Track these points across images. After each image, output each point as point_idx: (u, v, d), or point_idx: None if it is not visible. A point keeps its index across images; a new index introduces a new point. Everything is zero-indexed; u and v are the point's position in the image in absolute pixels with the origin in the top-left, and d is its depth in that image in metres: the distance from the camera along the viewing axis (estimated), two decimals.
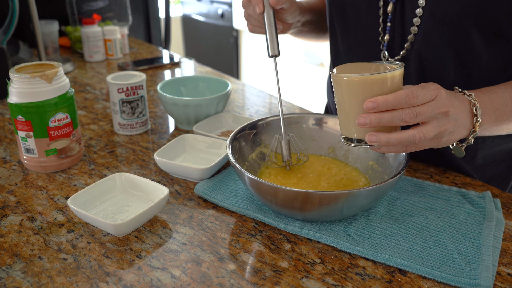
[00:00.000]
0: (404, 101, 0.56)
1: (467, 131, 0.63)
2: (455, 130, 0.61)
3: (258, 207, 0.68)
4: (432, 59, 0.73)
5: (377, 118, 0.57)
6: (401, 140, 0.57)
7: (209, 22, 3.44)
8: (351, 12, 0.81)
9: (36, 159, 0.78)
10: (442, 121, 0.59)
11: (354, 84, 0.58)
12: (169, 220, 0.67)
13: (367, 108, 0.57)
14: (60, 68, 0.77)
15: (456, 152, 0.67)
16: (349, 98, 0.59)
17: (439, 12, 0.69)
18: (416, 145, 0.59)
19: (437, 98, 0.58)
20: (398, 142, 0.57)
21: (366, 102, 0.57)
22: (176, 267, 0.57)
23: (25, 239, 0.63)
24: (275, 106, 1.13)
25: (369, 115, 0.57)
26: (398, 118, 0.56)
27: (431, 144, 0.60)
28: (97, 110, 1.08)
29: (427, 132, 0.58)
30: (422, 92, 0.57)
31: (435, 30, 0.71)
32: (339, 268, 0.57)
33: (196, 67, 1.47)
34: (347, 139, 0.62)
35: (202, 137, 0.85)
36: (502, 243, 0.62)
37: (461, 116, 0.61)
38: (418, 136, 0.57)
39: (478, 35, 0.68)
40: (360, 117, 0.57)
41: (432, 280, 0.55)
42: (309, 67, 2.68)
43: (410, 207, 0.68)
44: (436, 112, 0.58)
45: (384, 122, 0.57)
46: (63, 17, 1.64)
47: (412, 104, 0.57)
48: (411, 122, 0.57)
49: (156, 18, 2.19)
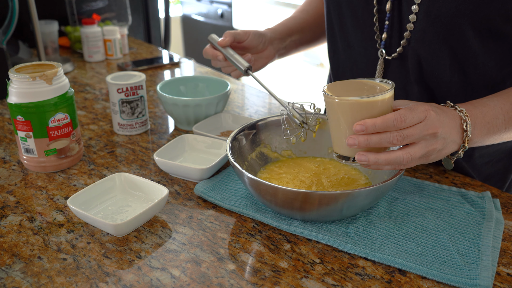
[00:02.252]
0: (392, 124, 0.58)
1: (457, 146, 0.64)
2: (444, 147, 0.62)
3: (258, 207, 0.68)
4: (428, 56, 0.74)
5: (366, 140, 0.58)
6: (389, 161, 0.59)
7: (209, 22, 3.44)
8: (347, 10, 0.81)
9: (35, 159, 0.78)
10: (430, 142, 0.60)
11: (345, 106, 0.60)
12: (168, 220, 0.67)
13: (356, 130, 0.58)
14: (60, 68, 0.77)
15: (445, 163, 0.69)
16: (340, 118, 0.61)
17: (434, 10, 0.69)
18: (404, 165, 0.60)
19: (426, 119, 0.59)
20: (386, 162, 0.59)
21: (355, 125, 0.58)
22: (175, 267, 0.57)
23: (24, 239, 0.63)
24: (275, 106, 1.13)
25: (358, 137, 0.58)
26: (386, 140, 0.58)
27: (420, 162, 0.62)
28: (96, 110, 1.08)
29: (415, 153, 0.59)
30: (410, 115, 0.58)
31: (430, 28, 0.71)
32: (338, 268, 0.57)
33: (195, 67, 1.47)
34: (339, 156, 0.64)
35: (201, 137, 0.85)
36: (502, 243, 0.62)
37: (451, 134, 0.62)
38: (406, 157, 0.59)
39: (473, 34, 0.69)
40: (349, 138, 0.59)
41: (431, 280, 0.55)
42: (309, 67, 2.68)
43: (410, 207, 0.68)
44: (424, 134, 0.59)
45: (372, 144, 0.58)
46: (62, 17, 1.64)
47: (400, 127, 0.58)
48: (399, 145, 0.59)
49: (155, 18, 2.19)
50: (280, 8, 2.73)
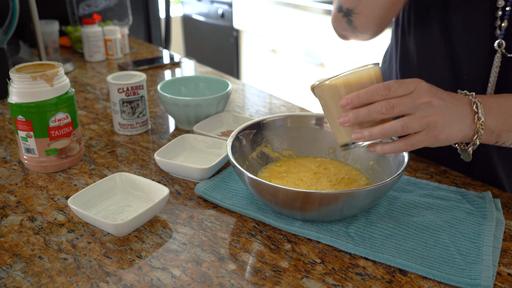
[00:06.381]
0: (376, 92, 0.56)
1: (469, 129, 0.60)
2: (450, 123, 0.58)
3: (258, 207, 0.68)
4: None
5: (354, 115, 0.57)
6: (383, 131, 0.57)
7: (209, 22, 3.44)
8: None
9: (36, 159, 0.78)
10: (427, 111, 0.57)
11: (329, 89, 0.60)
12: (169, 220, 0.67)
13: (341, 105, 0.58)
14: (61, 68, 0.77)
15: (463, 155, 0.66)
16: (330, 105, 0.61)
17: None
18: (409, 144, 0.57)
19: (416, 90, 0.57)
20: (380, 133, 0.57)
21: (341, 101, 0.58)
22: (176, 267, 0.57)
23: (25, 239, 0.63)
24: (275, 106, 1.13)
25: (347, 114, 0.58)
26: (374, 111, 0.56)
27: (427, 140, 0.58)
28: (97, 110, 1.08)
29: (410, 122, 0.57)
30: (396, 84, 0.57)
31: None
32: (339, 268, 0.57)
33: (196, 67, 1.47)
34: (342, 145, 0.63)
35: (202, 137, 0.85)
36: (502, 243, 0.62)
37: (455, 110, 0.59)
38: (400, 126, 0.56)
39: None
40: (340, 117, 0.59)
41: (432, 280, 0.55)
42: (309, 67, 2.68)
43: (410, 207, 0.68)
44: (417, 103, 0.57)
45: (361, 117, 0.57)
46: (63, 17, 1.64)
47: (385, 96, 0.56)
48: (390, 114, 0.56)
49: (156, 18, 2.19)
50: (281, 8, 2.73)
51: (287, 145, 0.80)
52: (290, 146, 0.80)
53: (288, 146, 0.80)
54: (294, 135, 0.80)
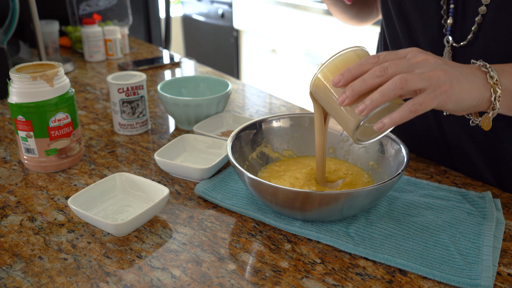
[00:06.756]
0: (366, 62, 0.56)
1: (483, 88, 0.56)
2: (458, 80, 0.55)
3: (258, 207, 0.68)
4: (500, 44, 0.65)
5: (350, 87, 0.56)
6: (383, 91, 0.54)
7: (209, 22, 3.44)
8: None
9: (36, 159, 0.78)
10: (426, 68, 0.55)
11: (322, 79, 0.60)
12: (169, 220, 0.67)
13: (334, 83, 0.57)
14: (61, 68, 0.77)
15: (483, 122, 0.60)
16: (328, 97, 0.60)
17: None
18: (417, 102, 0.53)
19: (409, 53, 0.56)
20: (380, 95, 0.54)
21: (332, 80, 0.58)
22: (176, 267, 0.57)
23: (25, 239, 0.63)
24: (275, 106, 1.13)
25: (344, 91, 0.57)
26: (369, 76, 0.55)
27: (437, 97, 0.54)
28: (97, 110, 1.08)
29: (408, 76, 0.54)
30: (386, 53, 0.56)
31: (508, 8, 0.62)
32: (339, 268, 0.57)
33: (196, 67, 1.47)
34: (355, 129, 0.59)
35: (202, 137, 0.85)
36: (503, 243, 0.62)
37: (460, 70, 0.56)
38: (398, 80, 0.53)
39: None
40: (338, 98, 0.58)
41: (432, 280, 0.55)
42: (309, 67, 2.68)
43: (410, 207, 0.68)
44: (412, 62, 0.55)
45: (357, 87, 0.55)
46: (63, 17, 1.64)
47: (376, 63, 0.55)
48: (384, 75, 0.55)
49: (156, 18, 2.19)
50: (281, 8, 2.73)
51: (287, 145, 0.80)
52: (290, 146, 0.80)
53: (288, 146, 0.80)
54: (294, 135, 0.80)
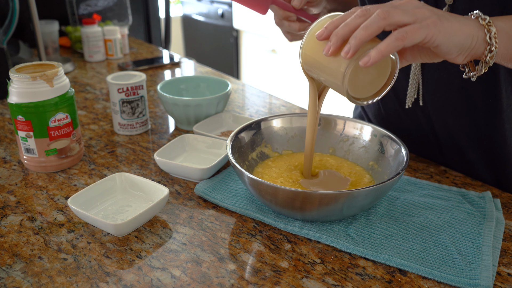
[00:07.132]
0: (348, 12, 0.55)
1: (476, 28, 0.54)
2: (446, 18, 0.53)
3: (258, 207, 0.68)
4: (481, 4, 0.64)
5: (335, 35, 0.54)
6: (365, 25, 0.52)
7: (209, 22, 3.44)
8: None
9: (36, 159, 0.78)
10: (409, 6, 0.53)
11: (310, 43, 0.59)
12: (169, 220, 0.67)
13: (318, 35, 0.56)
14: (60, 68, 0.77)
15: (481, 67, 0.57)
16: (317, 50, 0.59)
17: None
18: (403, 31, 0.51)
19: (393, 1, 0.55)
20: (364, 29, 0.52)
21: (316, 34, 0.57)
22: (176, 267, 0.57)
23: (25, 239, 0.63)
24: (275, 106, 1.13)
25: (329, 40, 0.55)
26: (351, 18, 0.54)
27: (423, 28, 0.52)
28: (97, 110, 1.08)
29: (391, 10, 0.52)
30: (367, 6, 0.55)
31: None
32: (339, 268, 0.57)
33: (196, 67, 1.47)
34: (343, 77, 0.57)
35: (202, 137, 0.85)
36: (502, 243, 0.62)
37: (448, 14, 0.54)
38: (381, 11, 0.52)
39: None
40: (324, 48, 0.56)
41: (432, 280, 0.55)
42: None
43: (410, 207, 0.68)
44: (395, 4, 0.54)
45: (341, 31, 0.54)
46: (63, 17, 1.64)
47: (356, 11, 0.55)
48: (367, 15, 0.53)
49: (156, 18, 2.19)
50: None
51: (287, 145, 0.80)
52: (290, 146, 0.80)
53: (288, 146, 0.80)
54: (294, 135, 0.80)
